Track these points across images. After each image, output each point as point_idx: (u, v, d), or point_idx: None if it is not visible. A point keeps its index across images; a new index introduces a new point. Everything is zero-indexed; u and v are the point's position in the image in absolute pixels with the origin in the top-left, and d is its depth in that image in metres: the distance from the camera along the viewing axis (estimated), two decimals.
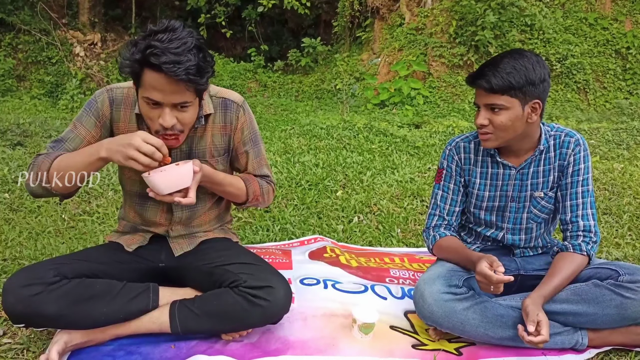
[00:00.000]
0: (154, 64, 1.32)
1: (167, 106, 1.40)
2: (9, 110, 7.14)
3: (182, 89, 1.37)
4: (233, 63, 10.74)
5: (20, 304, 1.42)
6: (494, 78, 1.56)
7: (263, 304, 1.53)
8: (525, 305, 1.53)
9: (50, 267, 1.50)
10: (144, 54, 1.33)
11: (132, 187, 1.73)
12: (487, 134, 1.65)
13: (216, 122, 1.67)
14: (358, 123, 5.42)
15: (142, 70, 1.37)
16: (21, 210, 2.83)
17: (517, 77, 1.55)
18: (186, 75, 1.33)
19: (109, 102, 1.58)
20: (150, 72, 1.35)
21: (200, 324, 1.57)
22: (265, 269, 1.64)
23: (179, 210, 1.72)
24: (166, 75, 1.32)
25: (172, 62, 1.31)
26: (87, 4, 9.82)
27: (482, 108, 1.63)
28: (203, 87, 1.43)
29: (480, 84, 1.59)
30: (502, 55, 1.60)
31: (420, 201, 3.12)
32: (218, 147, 1.70)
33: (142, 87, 1.40)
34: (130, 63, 1.37)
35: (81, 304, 1.48)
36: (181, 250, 1.73)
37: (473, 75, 1.62)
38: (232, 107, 1.68)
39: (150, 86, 1.37)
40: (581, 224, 1.68)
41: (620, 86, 8.02)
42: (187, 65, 1.32)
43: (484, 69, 1.59)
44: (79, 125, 1.58)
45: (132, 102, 1.59)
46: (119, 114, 1.60)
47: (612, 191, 3.29)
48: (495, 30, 7.56)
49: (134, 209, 1.76)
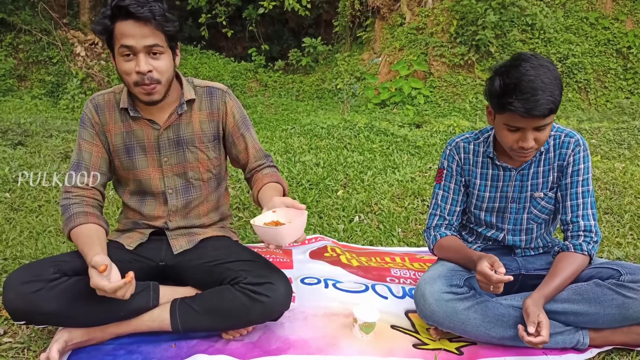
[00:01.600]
0: (121, 10, 1.44)
1: (141, 52, 1.48)
2: (10, 109, 7.15)
3: (152, 30, 1.48)
4: (234, 63, 10.75)
5: (21, 300, 1.43)
6: (551, 102, 1.46)
7: (264, 299, 1.53)
8: (526, 305, 1.53)
9: (50, 265, 1.51)
10: (111, 5, 1.45)
11: (128, 186, 1.77)
12: (530, 153, 1.59)
13: (202, 108, 1.73)
14: (359, 123, 5.42)
15: (113, 26, 1.48)
16: (22, 210, 2.84)
17: (559, 93, 1.48)
18: (151, 14, 1.45)
19: (94, 109, 1.69)
20: (120, 23, 1.47)
21: (201, 322, 1.58)
22: (265, 265, 1.66)
23: (174, 198, 1.75)
24: (134, 20, 1.45)
25: (137, 2, 1.44)
26: (87, 3, 9.82)
27: (529, 131, 1.52)
28: (170, 31, 1.52)
29: (542, 113, 1.46)
30: (534, 70, 1.47)
31: (421, 201, 3.12)
32: (207, 134, 1.74)
33: (115, 41, 1.50)
34: (102, 21, 1.48)
35: (81, 302, 1.48)
36: (180, 248, 1.74)
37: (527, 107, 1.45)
38: (217, 94, 1.75)
39: (122, 35, 1.47)
40: (582, 224, 1.68)
41: (621, 86, 8.01)
42: (151, 7, 1.45)
43: (537, 95, 1.44)
44: (83, 142, 1.69)
45: (114, 104, 1.69)
46: (105, 117, 1.69)
47: (613, 191, 3.28)
48: (496, 30, 7.56)
49: (132, 207, 1.78)
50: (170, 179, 1.73)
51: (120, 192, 1.81)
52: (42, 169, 3.48)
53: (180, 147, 1.71)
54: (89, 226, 1.58)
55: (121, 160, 1.71)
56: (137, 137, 1.69)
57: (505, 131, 1.58)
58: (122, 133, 1.68)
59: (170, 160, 1.71)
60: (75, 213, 1.59)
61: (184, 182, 1.75)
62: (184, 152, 1.71)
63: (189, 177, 1.75)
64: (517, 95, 1.46)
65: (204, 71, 9.90)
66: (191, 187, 1.77)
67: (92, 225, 1.58)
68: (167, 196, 1.74)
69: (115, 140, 1.69)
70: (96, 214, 1.64)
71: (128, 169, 1.71)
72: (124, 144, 1.69)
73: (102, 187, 1.72)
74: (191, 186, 1.76)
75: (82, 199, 1.64)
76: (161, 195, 1.75)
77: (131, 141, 1.69)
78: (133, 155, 1.70)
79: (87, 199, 1.65)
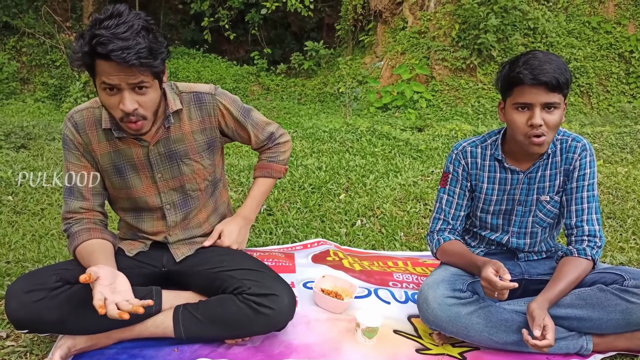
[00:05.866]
0: (102, 54, 1.29)
1: (126, 90, 1.37)
2: (13, 113, 7.17)
3: (136, 72, 1.34)
4: (236, 66, 10.76)
5: (23, 309, 1.41)
6: (558, 74, 1.51)
7: (268, 312, 1.51)
8: (531, 309, 1.52)
9: (52, 273, 1.49)
10: (90, 44, 1.29)
11: (122, 204, 1.72)
12: (541, 136, 1.58)
13: (192, 117, 1.65)
14: (361, 126, 5.42)
15: (93, 61, 1.34)
16: (25, 213, 2.84)
17: (567, 74, 1.54)
18: (137, 59, 1.30)
19: (74, 129, 1.59)
20: (101, 62, 1.32)
21: (204, 331, 1.57)
22: (270, 275, 1.62)
23: (172, 214, 1.71)
24: (117, 63, 1.29)
25: (121, 48, 1.27)
26: (90, 7, 9.86)
27: (537, 108, 1.56)
28: (158, 69, 1.40)
29: (547, 81, 1.51)
30: (542, 53, 1.56)
31: (424, 205, 3.12)
32: (200, 143, 1.67)
33: (97, 75, 1.37)
34: (80, 56, 1.34)
35: (84, 310, 1.45)
36: (182, 255, 1.72)
37: (533, 73, 1.52)
38: (205, 99, 1.65)
39: (103, 72, 1.34)
40: (586, 229, 1.67)
41: (623, 90, 8.00)
42: (137, 49, 1.29)
43: (543, 66, 1.51)
44: (71, 166, 1.61)
45: (95, 122, 1.58)
46: (87, 137, 1.59)
47: (616, 195, 3.27)
48: (498, 34, 7.56)
49: (129, 223, 1.74)
50: (167, 195, 1.68)
51: (115, 209, 1.76)
52: (44, 171, 3.49)
53: (173, 160, 1.64)
54: (92, 242, 1.54)
55: (112, 180, 1.64)
56: (126, 155, 1.60)
57: (515, 115, 1.60)
58: (109, 153, 1.60)
59: (164, 175, 1.65)
60: (77, 231, 1.56)
61: (182, 195, 1.70)
62: (179, 165, 1.65)
63: (186, 189, 1.70)
64: (525, 66, 1.54)
65: (206, 75, 9.92)
66: (189, 199, 1.72)
67: (95, 241, 1.54)
68: (165, 212, 1.69)
69: (102, 161, 1.61)
70: (99, 229, 1.60)
71: (121, 188, 1.65)
72: (113, 164, 1.61)
73: (101, 207, 1.66)
74: (189, 198, 1.72)
75: (82, 219, 1.60)
76: (159, 211, 1.70)
77: (120, 160, 1.61)
78: (125, 175, 1.63)
79: (88, 219, 1.61)
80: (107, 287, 1.32)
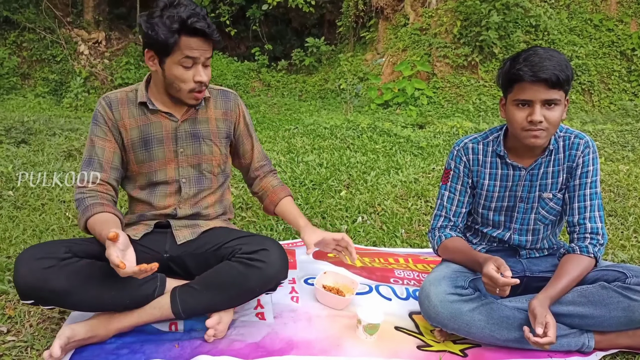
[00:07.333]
0: (193, 30, 1.55)
1: (200, 63, 1.62)
2: (14, 108, 7.17)
3: (211, 45, 1.63)
4: (237, 62, 10.75)
5: (32, 275, 1.45)
6: (558, 71, 1.51)
7: (259, 265, 1.58)
8: (533, 306, 1.52)
9: (62, 245, 1.55)
10: (184, 22, 1.54)
11: (139, 181, 1.80)
12: (541, 131, 1.58)
13: (217, 107, 1.84)
14: (362, 123, 5.42)
15: (178, 38, 1.56)
16: (25, 208, 2.84)
17: (568, 71, 1.54)
18: (217, 35, 1.62)
19: (107, 106, 1.73)
20: (187, 38, 1.57)
21: (200, 300, 1.62)
22: (260, 236, 1.73)
23: (187, 187, 1.80)
24: (202, 37, 1.58)
25: (209, 25, 1.58)
26: (91, 2, 9.84)
27: (538, 104, 1.56)
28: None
29: (547, 78, 1.52)
30: (543, 50, 1.56)
31: (425, 202, 3.11)
32: (221, 131, 1.84)
33: (178, 51, 1.58)
34: (169, 34, 1.55)
35: (91, 283, 1.52)
36: (184, 238, 1.77)
37: (533, 70, 1.53)
38: (231, 97, 1.88)
39: (188, 47, 1.58)
40: (588, 226, 1.67)
41: (625, 88, 7.99)
42: (213, 28, 1.60)
43: (544, 63, 1.52)
44: (95, 139, 1.73)
45: (128, 101, 1.75)
46: (119, 113, 1.74)
47: (617, 193, 3.27)
48: (500, 31, 7.54)
49: (141, 199, 1.80)
50: (185, 169, 1.79)
51: (129, 188, 1.83)
52: (45, 167, 3.49)
53: (196, 139, 1.78)
54: (105, 214, 1.60)
55: (137, 153, 1.75)
56: (155, 129, 1.74)
57: (515, 111, 1.61)
58: (138, 127, 1.74)
59: (186, 151, 1.78)
60: (91, 204, 1.62)
61: (197, 173, 1.81)
62: (200, 144, 1.79)
63: (202, 168, 1.81)
64: (525, 63, 1.55)
65: None
66: (203, 178, 1.82)
67: (108, 214, 1.61)
68: (181, 184, 1.79)
69: (131, 134, 1.74)
70: (111, 205, 1.66)
71: (142, 162, 1.75)
72: (141, 136, 1.74)
73: (116, 182, 1.74)
74: (203, 177, 1.82)
75: (96, 193, 1.66)
76: (174, 184, 1.79)
77: (149, 133, 1.74)
78: (150, 147, 1.75)
79: (101, 193, 1.67)
80: (120, 252, 1.40)
